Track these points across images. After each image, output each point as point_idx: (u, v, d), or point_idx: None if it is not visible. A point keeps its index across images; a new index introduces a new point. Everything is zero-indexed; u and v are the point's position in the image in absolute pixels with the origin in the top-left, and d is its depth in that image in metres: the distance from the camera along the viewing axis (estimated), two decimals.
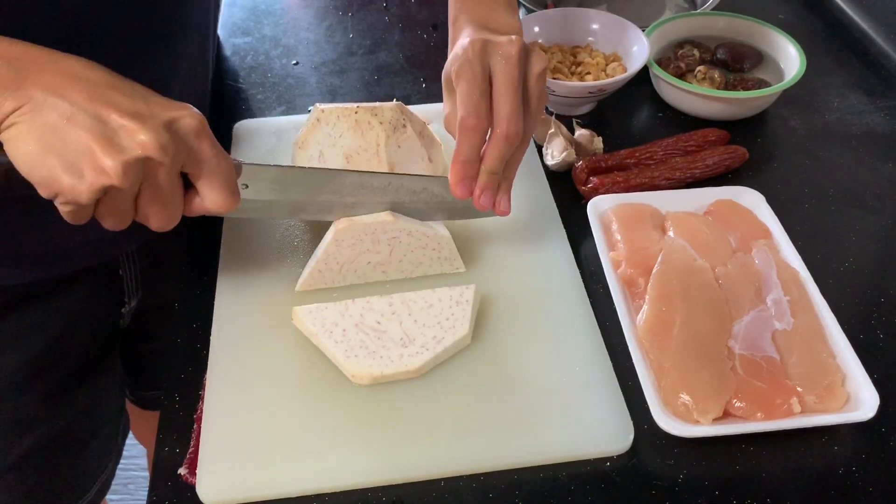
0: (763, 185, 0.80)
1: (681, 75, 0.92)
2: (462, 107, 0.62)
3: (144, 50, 0.67)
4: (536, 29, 0.94)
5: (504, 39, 0.63)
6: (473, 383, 0.63)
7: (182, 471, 0.60)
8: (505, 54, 0.63)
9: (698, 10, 1.05)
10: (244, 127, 0.87)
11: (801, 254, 0.71)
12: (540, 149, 0.85)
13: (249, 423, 0.61)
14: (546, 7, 1.00)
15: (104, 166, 0.49)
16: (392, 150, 0.73)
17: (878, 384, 0.61)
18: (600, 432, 0.61)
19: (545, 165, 0.83)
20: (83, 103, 0.49)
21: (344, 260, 0.69)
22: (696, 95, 0.88)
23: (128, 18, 0.64)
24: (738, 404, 0.61)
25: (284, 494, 0.58)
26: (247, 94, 0.95)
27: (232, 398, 0.63)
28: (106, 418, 0.89)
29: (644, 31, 0.92)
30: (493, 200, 0.66)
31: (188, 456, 0.61)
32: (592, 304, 0.70)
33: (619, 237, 0.73)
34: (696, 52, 0.95)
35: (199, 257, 0.75)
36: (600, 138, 0.85)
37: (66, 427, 0.82)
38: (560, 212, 0.78)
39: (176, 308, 0.71)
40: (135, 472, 1.62)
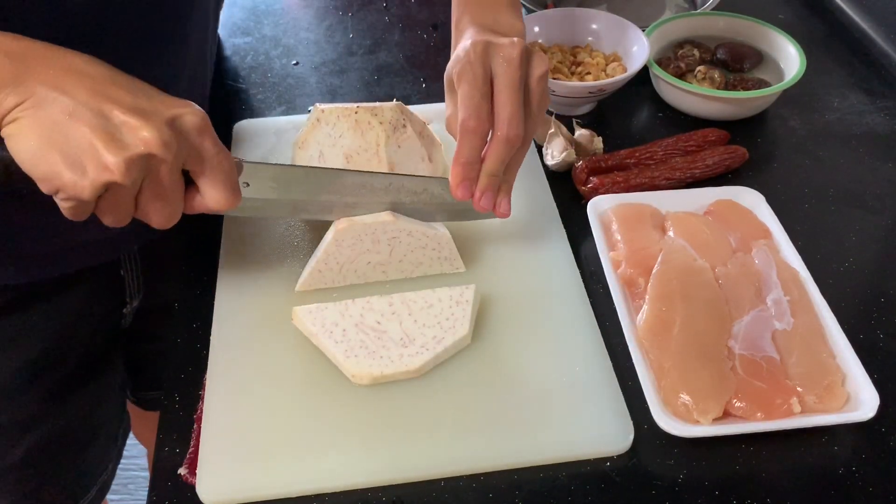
0: (763, 185, 0.80)
1: (681, 75, 0.92)
2: (463, 109, 0.62)
3: (146, 51, 0.67)
4: (536, 29, 0.95)
5: (506, 42, 0.63)
6: (473, 383, 0.63)
7: (182, 471, 0.60)
8: (506, 57, 0.63)
9: (698, 10, 1.05)
10: (244, 127, 0.87)
11: (801, 254, 0.71)
12: (540, 149, 0.85)
13: (249, 423, 0.61)
14: (546, 7, 1.00)
15: (107, 162, 0.48)
16: (392, 150, 0.73)
17: (878, 384, 0.61)
18: (600, 432, 0.61)
19: (545, 165, 0.83)
20: (86, 99, 0.49)
21: (344, 260, 0.69)
22: (696, 95, 0.88)
23: (130, 19, 0.64)
24: (738, 404, 0.61)
25: (284, 494, 0.58)
26: (247, 94, 0.95)
27: (232, 398, 0.63)
28: (107, 419, 0.89)
29: (644, 31, 0.92)
30: (493, 202, 0.66)
31: (188, 456, 0.61)
32: (592, 304, 0.70)
33: (619, 237, 0.73)
34: (696, 52, 0.95)
35: (199, 257, 0.75)
36: (600, 138, 0.85)
37: (67, 427, 0.82)
38: (560, 212, 0.78)
39: (176, 308, 0.71)
40: (135, 472, 1.62)
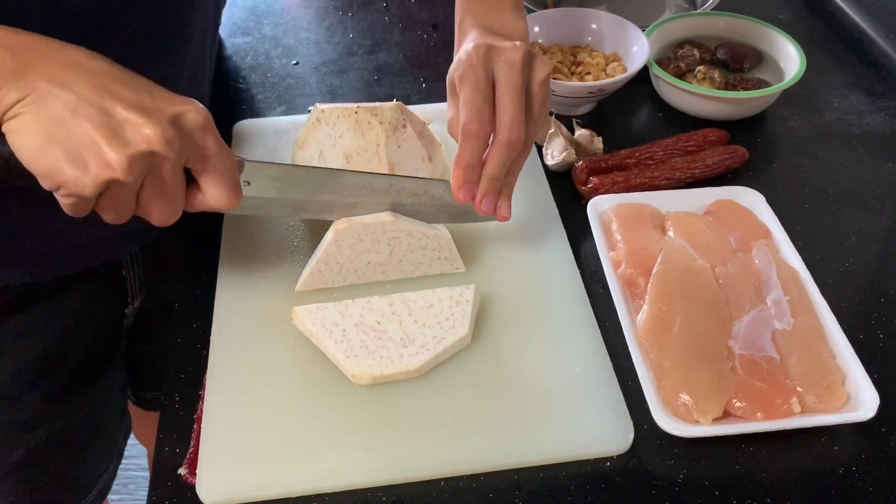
0: (763, 185, 0.80)
1: (681, 75, 0.92)
2: (465, 112, 0.62)
3: (148, 50, 0.67)
4: (536, 29, 0.95)
5: (508, 45, 0.63)
6: (473, 383, 0.63)
7: (182, 471, 0.60)
8: (508, 60, 0.63)
9: (698, 10, 1.05)
10: (244, 127, 0.87)
11: (801, 254, 0.71)
12: (540, 149, 0.85)
13: (249, 423, 0.61)
14: (546, 7, 1.00)
15: (109, 159, 0.48)
16: (392, 150, 0.73)
17: (878, 384, 0.61)
18: (600, 432, 0.61)
19: (545, 165, 0.83)
20: (88, 95, 0.49)
21: (344, 260, 0.69)
22: (696, 95, 0.88)
23: (132, 19, 0.63)
24: (738, 404, 0.61)
25: (284, 494, 0.58)
26: (247, 94, 0.95)
27: (232, 398, 0.63)
28: (108, 419, 0.89)
29: (644, 31, 0.92)
30: (494, 206, 0.66)
31: (188, 456, 0.61)
32: (592, 304, 0.70)
33: (619, 237, 0.73)
34: (696, 52, 0.95)
35: (199, 257, 0.75)
36: (600, 138, 0.85)
37: (69, 427, 0.82)
38: (560, 212, 0.78)
39: (176, 308, 0.71)
40: (135, 472, 1.62)
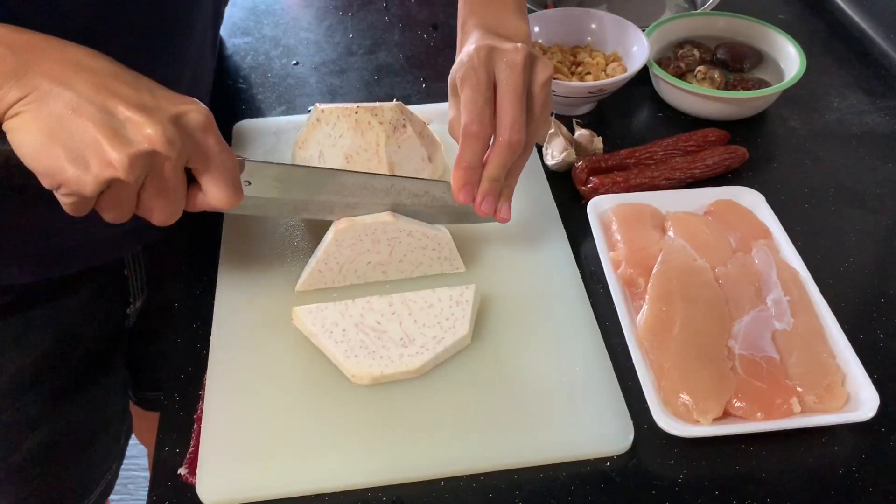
0: (763, 185, 0.80)
1: (681, 75, 0.92)
2: (466, 113, 0.63)
3: (151, 50, 0.67)
4: (536, 29, 0.94)
5: (510, 47, 0.63)
6: (473, 383, 0.63)
7: (182, 471, 0.60)
8: (510, 62, 0.63)
9: (698, 10, 1.05)
10: (244, 127, 0.87)
11: (801, 254, 0.71)
12: (540, 149, 0.85)
13: (249, 423, 0.61)
14: (546, 7, 1.00)
15: (110, 159, 0.48)
16: (392, 150, 0.73)
17: (878, 384, 0.61)
18: (600, 432, 0.61)
19: (545, 165, 0.83)
20: (89, 94, 0.49)
21: (344, 260, 0.69)
22: (696, 95, 0.88)
23: (132, 18, 0.63)
24: (738, 404, 0.61)
25: (284, 494, 0.58)
26: (247, 94, 0.95)
27: (232, 398, 0.63)
28: (110, 419, 0.89)
29: (644, 31, 0.92)
30: (494, 207, 0.66)
31: (188, 456, 0.61)
32: (592, 304, 0.70)
33: (619, 237, 0.73)
34: (696, 52, 0.95)
35: (199, 257, 0.75)
36: (600, 138, 0.85)
37: (71, 427, 0.82)
38: (560, 212, 0.78)
39: (176, 308, 0.71)
40: (135, 472, 1.62)
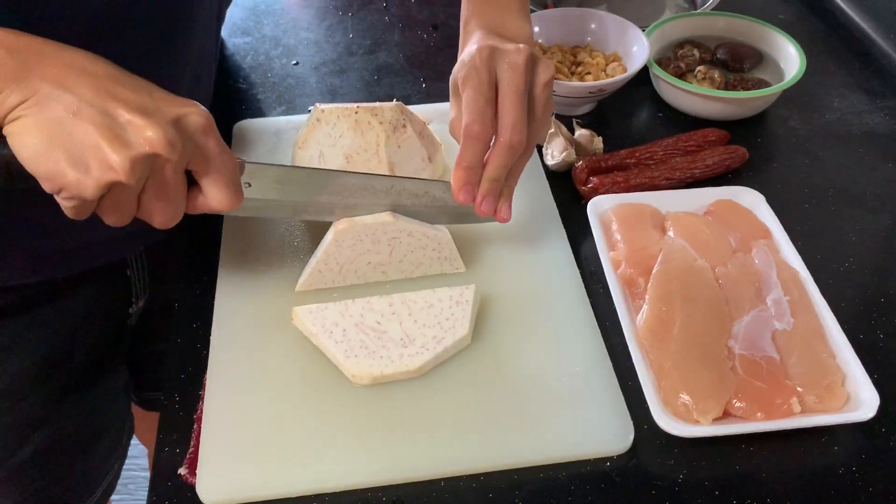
0: (763, 185, 0.80)
1: (681, 75, 0.92)
2: (467, 113, 0.62)
3: (154, 49, 0.67)
4: (536, 29, 0.94)
5: (512, 48, 0.63)
6: (473, 383, 0.63)
7: (182, 471, 0.60)
8: (512, 63, 0.63)
9: (698, 10, 1.05)
10: (244, 127, 0.87)
11: (801, 254, 0.71)
12: (540, 149, 0.85)
13: (249, 424, 0.61)
14: (546, 7, 1.00)
15: (111, 162, 0.48)
16: (392, 150, 0.73)
17: (878, 384, 0.61)
18: (600, 432, 0.61)
19: (545, 165, 0.83)
20: (90, 97, 0.49)
21: (344, 260, 0.69)
22: (696, 95, 0.88)
23: (138, 18, 0.63)
24: (738, 404, 0.61)
25: (284, 494, 0.58)
26: (247, 94, 0.95)
27: (232, 398, 0.63)
28: (112, 419, 0.89)
29: (644, 31, 0.92)
30: (494, 207, 0.66)
31: (188, 456, 0.61)
32: (592, 304, 0.70)
33: (619, 237, 0.73)
34: (696, 52, 0.95)
35: (199, 257, 0.75)
36: (600, 138, 0.85)
37: (73, 427, 0.82)
38: (560, 212, 0.78)
39: (176, 308, 0.71)
40: (135, 472, 1.62)
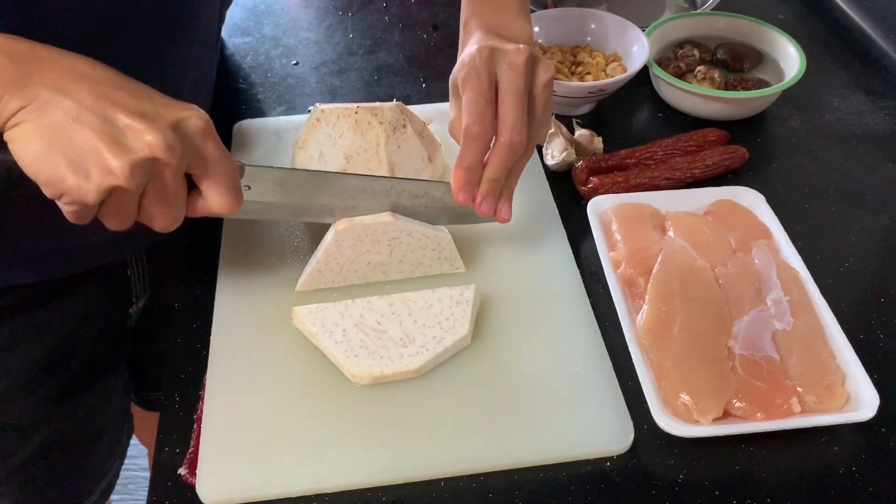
0: (763, 185, 0.80)
1: (681, 75, 0.92)
2: (467, 114, 0.62)
3: (157, 48, 0.67)
4: (536, 29, 0.94)
5: (511, 48, 0.63)
6: (473, 383, 0.63)
7: (182, 471, 0.60)
8: (511, 63, 0.63)
9: (698, 10, 1.05)
10: (244, 127, 0.87)
11: (801, 254, 0.71)
12: (540, 149, 0.85)
13: (249, 424, 0.61)
14: (546, 7, 1.00)
15: (111, 166, 0.48)
16: (392, 150, 0.73)
17: (878, 384, 0.61)
18: (600, 432, 0.61)
19: (545, 165, 0.83)
20: (89, 102, 0.49)
21: (344, 260, 0.69)
22: (696, 95, 0.88)
23: (141, 16, 0.64)
24: (738, 404, 0.61)
25: (284, 494, 0.58)
26: (247, 94, 0.95)
27: (232, 398, 0.63)
28: (112, 420, 0.89)
29: (644, 31, 0.92)
30: (494, 207, 0.66)
31: (188, 456, 0.61)
32: (592, 304, 0.70)
33: (619, 237, 0.73)
34: (696, 52, 0.95)
35: (199, 257, 0.75)
36: (600, 138, 0.85)
37: (73, 428, 0.82)
38: (560, 212, 0.78)
39: (176, 308, 0.71)
40: (135, 472, 1.62)
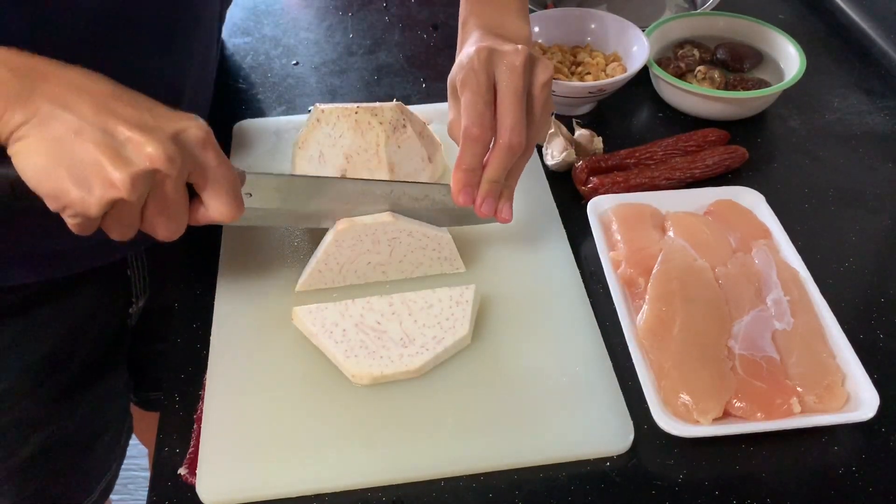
0: (763, 185, 0.80)
1: (681, 75, 0.92)
2: (466, 116, 0.62)
3: (159, 46, 0.67)
4: (536, 29, 0.94)
5: (510, 48, 0.63)
6: (473, 383, 0.63)
7: (182, 471, 0.60)
8: (510, 64, 0.63)
9: (698, 10, 1.05)
10: (244, 127, 0.87)
11: (801, 254, 0.71)
12: (540, 149, 0.85)
13: (249, 423, 0.61)
14: (546, 7, 1.00)
15: (113, 179, 0.49)
16: (392, 150, 0.73)
17: (878, 384, 0.61)
18: (600, 432, 0.61)
19: (545, 165, 0.83)
20: (90, 116, 0.49)
21: (344, 260, 0.69)
22: (696, 95, 0.88)
23: (143, 17, 0.64)
24: (738, 404, 0.61)
25: (284, 494, 0.58)
26: (247, 94, 0.95)
27: (232, 398, 0.63)
28: (111, 419, 0.89)
29: (644, 31, 0.92)
30: (494, 208, 0.66)
31: (188, 456, 0.61)
32: (592, 304, 0.70)
33: (619, 237, 0.73)
34: (696, 52, 0.95)
35: (199, 257, 0.75)
36: (600, 138, 0.85)
37: (73, 428, 0.82)
38: (560, 212, 0.78)
39: (176, 308, 0.71)
40: (135, 472, 1.62)
